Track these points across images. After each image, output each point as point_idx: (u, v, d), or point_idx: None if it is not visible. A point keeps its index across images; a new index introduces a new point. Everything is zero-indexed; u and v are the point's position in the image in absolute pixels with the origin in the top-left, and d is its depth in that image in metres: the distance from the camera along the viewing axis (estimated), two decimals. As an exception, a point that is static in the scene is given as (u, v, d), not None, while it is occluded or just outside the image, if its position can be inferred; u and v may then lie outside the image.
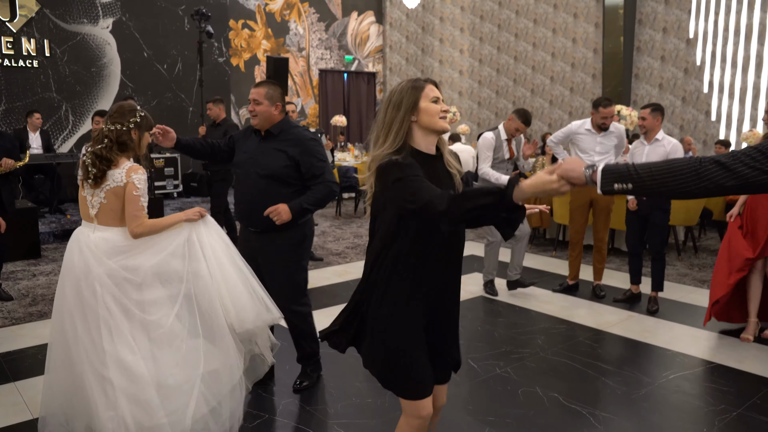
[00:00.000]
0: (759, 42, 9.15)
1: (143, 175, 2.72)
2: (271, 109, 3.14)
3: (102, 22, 9.84)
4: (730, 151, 3.49)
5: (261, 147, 3.18)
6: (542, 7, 11.96)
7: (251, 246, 3.24)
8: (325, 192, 3.14)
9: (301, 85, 12.82)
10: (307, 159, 3.11)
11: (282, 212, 3.01)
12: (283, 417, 3.12)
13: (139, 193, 2.67)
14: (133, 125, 2.74)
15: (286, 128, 3.19)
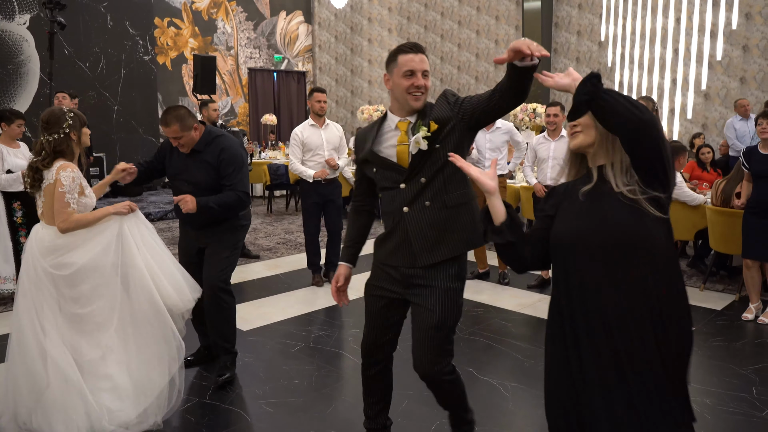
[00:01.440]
0: (662, 45, 9.87)
1: (72, 172, 2.84)
2: (191, 133, 3.27)
3: (18, 17, 9.53)
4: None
5: (188, 162, 3.36)
6: (466, 9, 12.40)
7: (193, 241, 3.50)
8: (232, 199, 3.29)
9: (231, 84, 12.77)
10: (223, 168, 3.30)
11: (189, 201, 3.16)
12: (213, 400, 3.26)
13: (64, 190, 2.79)
14: (68, 129, 2.89)
15: (209, 140, 3.33)
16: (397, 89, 2.27)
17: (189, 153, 3.34)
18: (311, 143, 5.28)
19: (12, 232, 4.87)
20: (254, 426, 2.99)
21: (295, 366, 3.69)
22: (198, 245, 3.49)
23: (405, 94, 2.24)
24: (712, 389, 3.35)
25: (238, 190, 3.31)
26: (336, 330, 4.34)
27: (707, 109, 9.42)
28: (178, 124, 3.20)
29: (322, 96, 5.31)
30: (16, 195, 4.88)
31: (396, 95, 2.30)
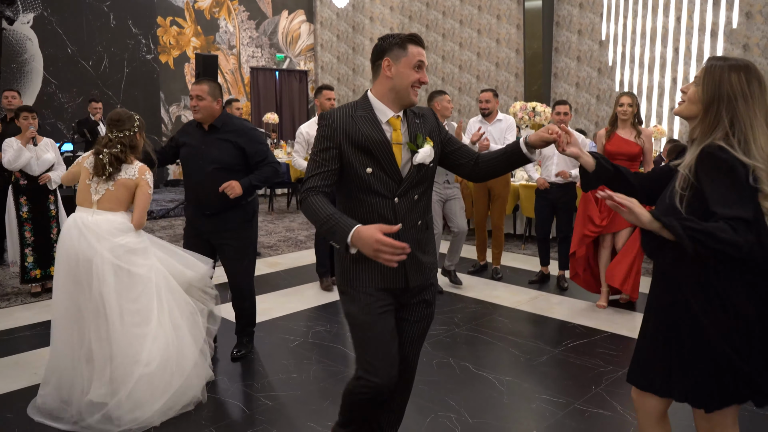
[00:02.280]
0: (662, 44, 9.89)
1: (151, 175, 3.22)
2: (213, 104, 3.43)
3: (22, 17, 9.59)
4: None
5: (207, 140, 3.48)
6: (467, 8, 12.43)
7: (203, 229, 3.57)
8: (271, 172, 3.53)
9: (233, 83, 12.82)
10: (252, 146, 3.48)
11: (235, 187, 3.36)
12: (212, 393, 3.31)
13: (151, 192, 3.20)
14: (137, 129, 3.21)
15: (227, 120, 3.50)
16: (401, 80, 2.09)
17: (207, 130, 3.48)
18: None
19: (18, 226, 4.98)
20: (253, 419, 3.03)
21: (294, 361, 3.74)
22: (209, 240, 3.59)
23: (408, 87, 2.10)
24: (704, 384, 3.39)
25: (271, 162, 3.54)
26: (335, 326, 4.39)
27: (707, 108, 9.44)
28: (208, 86, 3.43)
29: (332, 93, 5.10)
30: (23, 190, 4.95)
31: (395, 85, 2.10)
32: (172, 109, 11.77)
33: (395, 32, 2.20)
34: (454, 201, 5.08)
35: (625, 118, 4.60)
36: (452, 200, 5.08)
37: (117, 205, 3.13)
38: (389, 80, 2.12)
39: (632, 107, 4.59)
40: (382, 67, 2.12)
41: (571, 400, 3.21)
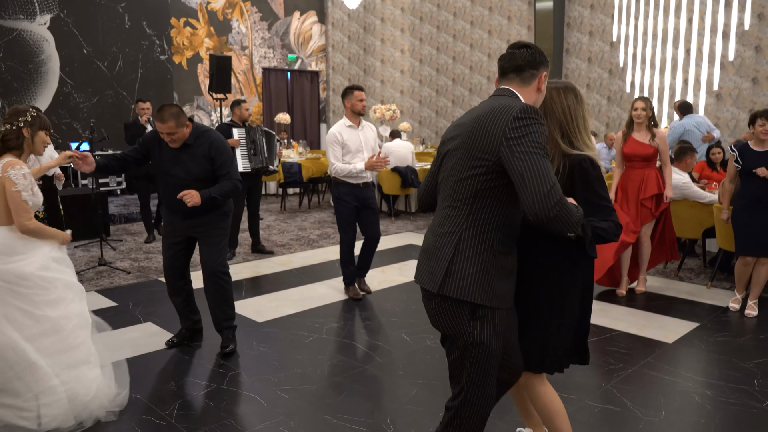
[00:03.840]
0: (673, 45, 9.89)
1: (22, 169, 2.77)
2: (183, 131, 3.56)
3: (39, 18, 9.74)
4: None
5: (180, 155, 3.63)
6: (478, 9, 12.48)
7: (182, 229, 3.76)
8: (230, 187, 3.65)
9: (245, 84, 12.94)
10: (220, 158, 3.63)
11: (194, 196, 3.48)
12: (231, 386, 3.39)
13: (18, 188, 2.73)
14: (22, 123, 2.84)
15: (197, 134, 3.63)
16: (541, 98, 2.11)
17: (180, 147, 3.60)
18: (351, 145, 4.78)
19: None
20: (269, 410, 3.11)
21: (308, 356, 3.82)
22: (186, 234, 3.79)
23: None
24: (713, 381, 3.44)
25: (233, 179, 3.65)
26: (348, 322, 4.46)
27: (719, 109, 9.43)
28: (174, 121, 3.46)
29: (363, 95, 4.82)
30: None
31: (537, 102, 2.13)
32: (186, 109, 11.90)
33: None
34: None
35: (640, 122, 4.73)
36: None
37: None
38: (538, 95, 2.07)
39: (646, 111, 4.70)
40: (539, 78, 2.03)
41: (582, 396, 3.26)
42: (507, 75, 2.04)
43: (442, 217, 2.01)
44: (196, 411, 3.12)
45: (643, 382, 3.45)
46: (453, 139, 2.03)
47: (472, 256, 1.91)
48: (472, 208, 1.93)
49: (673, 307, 4.77)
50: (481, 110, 1.94)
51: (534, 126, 1.82)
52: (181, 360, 3.74)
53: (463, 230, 1.93)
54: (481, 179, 1.90)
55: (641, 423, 2.99)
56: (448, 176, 2.01)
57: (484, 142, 1.87)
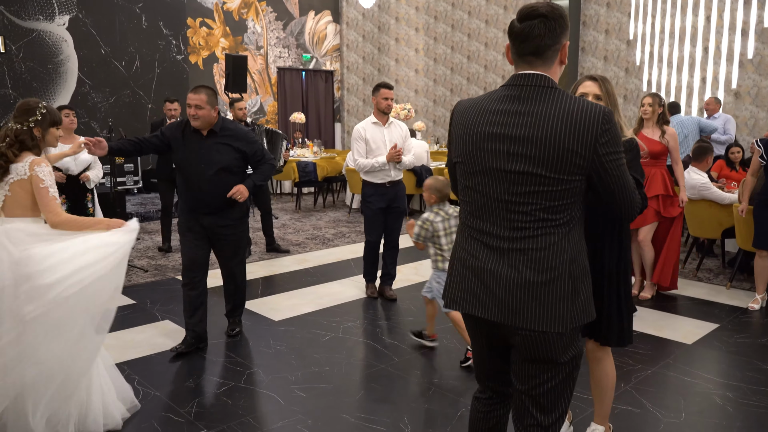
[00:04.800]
0: (691, 43, 9.79)
1: (47, 167, 2.83)
2: (211, 112, 3.61)
3: (58, 18, 9.84)
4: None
5: (206, 145, 3.66)
6: (493, 8, 12.44)
7: (202, 225, 3.76)
8: (269, 169, 3.87)
9: (260, 83, 13.00)
10: (251, 147, 3.76)
11: (243, 191, 3.67)
12: (248, 384, 3.41)
13: (46, 185, 2.79)
14: (33, 124, 2.88)
15: (224, 125, 3.72)
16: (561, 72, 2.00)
17: (206, 135, 3.65)
18: (374, 142, 4.78)
19: None
20: (287, 409, 3.12)
21: (325, 354, 3.83)
22: (204, 233, 3.81)
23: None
24: (734, 383, 3.40)
25: (269, 160, 3.85)
26: (364, 321, 4.47)
27: (737, 108, 9.32)
28: (206, 95, 3.56)
29: (390, 93, 4.77)
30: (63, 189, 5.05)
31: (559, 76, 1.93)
32: (201, 109, 11.97)
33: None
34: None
35: (647, 118, 4.70)
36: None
37: (21, 210, 2.82)
38: (562, 66, 1.82)
39: (653, 107, 4.66)
40: (562, 51, 1.78)
41: (600, 397, 3.24)
42: (525, 58, 1.75)
43: (533, 249, 1.73)
44: (214, 409, 3.14)
45: (662, 383, 3.43)
46: (510, 158, 1.72)
47: (582, 277, 1.78)
48: (568, 230, 1.74)
49: (691, 308, 4.72)
50: (547, 123, 1.68)
51: (616, 134, 1.70)
52: (199, 358, 3.77)
53: (571, 257, 1.74)
54: (569, 200, 1.73)
55: (661, 425, 2.96)
56: (519, 201, 1.73)
57: (571, 161, 1.67)
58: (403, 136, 4.92)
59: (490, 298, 1.78)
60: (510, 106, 1.74)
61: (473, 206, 1.85)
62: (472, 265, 1.83)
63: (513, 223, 1.75)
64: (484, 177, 1.78)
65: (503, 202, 1.75)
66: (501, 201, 1.76)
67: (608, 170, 1.70)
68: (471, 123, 1.80)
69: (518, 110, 1.72)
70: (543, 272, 1.72)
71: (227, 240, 3.86)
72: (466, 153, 1.81)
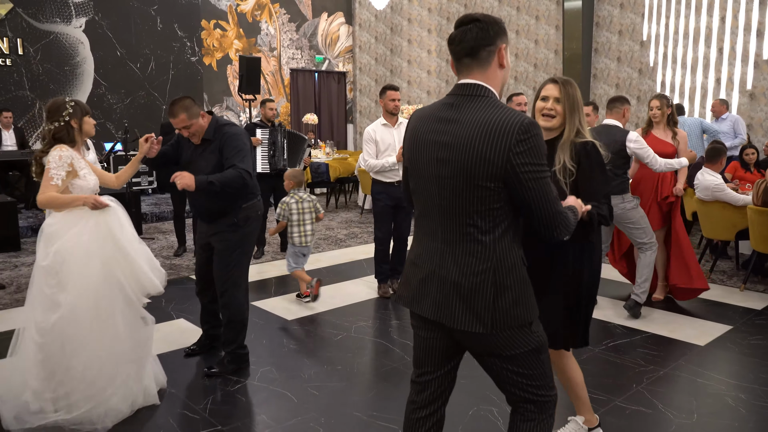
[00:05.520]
0: (705, 44, 9.73)
1: (62, 152, 2.95)
2: (199, 121, 3.36)
3: (75, 21, 9.98)
4: None
5: (197, 152, 3.47)
6: (506, 9, 12.43)
7: (205, 235, 3.61)
8: (233, 175, 3.32)
9: (273, 85, 13.07)
10: (227, 151, 3.38)
11: (185, 176, 3.24)
12: (262, 382, 3.45)
13: (49, 166, 2.93)
14: (68, 117, 3.02)
15: (217, 128, 3.43)
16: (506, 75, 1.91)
17: (200, 143, 3.44)
18: (383, 143, 4.93)
19: None
20: (300, 406, 3.16)
21: (338, 354, 3.86)
22: (208, 240, 3.57)
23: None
24: (747, 385, 3.39)
25: (239, 168, 3.33)
26: (377, 321, 4.50)
27: (752, 109, 9.25)
28: (184, 113, 3.30)
29: (396, 94, 4.93)
30: None
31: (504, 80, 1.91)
32: (215, 110, 12.06)
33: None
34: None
35: (657, 120, 4.70)
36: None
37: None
38: (503, 71, 1.84)
39: (662, 109, 4.65)
40: (499, 53, 1.80)
41: (612, 397, 3.25)
42: (462, 61, 1.79)
43: (461, 253, 1.80)
44: (228, 406, 3.18)
45: (674, 384, 3.43)
46: (439, 163, 1.79)
47: (511, 284, 1.80)
48: (495, 236, 1.78)
49: (705, 309, 4.71)
50: (467, 130, 1.72)
51: (534, 145, 1.69)
52: (213, 357, 3.81)
53: (495, 264, 1.78)
54: (495, 206, 1.75)
55: (673, 425, 2.96)
56: (448, 205, 1.80)
57: (485, 169, 1.70)
58: None
59: (426, 297, 1.88)
60: (446, 114, 1.81)
61: (418, 209, 1.95)
62: (415, 265, 1.94)
63: (445, 227, 1.83)
64: (423, 181, 1.86)
65: (437, 206, 1.83)
66: (435, 206, 1.84)
67: (522, 182, 1.70)
68: (417, 130, 1.89)
69: (450, 118, 1.79)
70: (467, 276, 1.79)
71: (217, 249, 3.51)
72: (412, 158, 1.91)
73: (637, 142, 4.27)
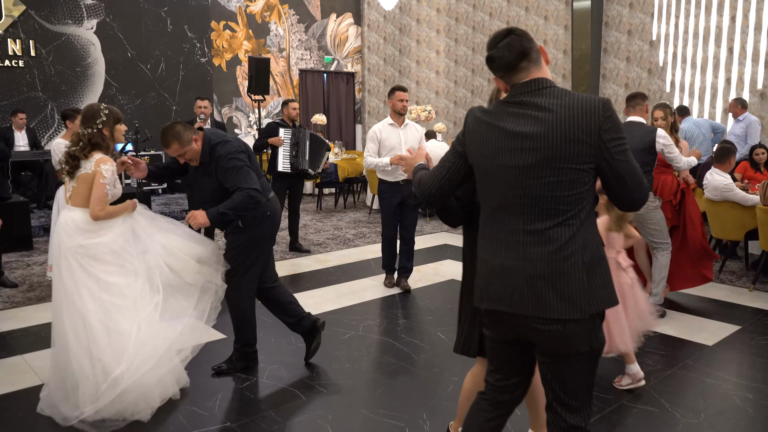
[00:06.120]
0: (716, 44, 9.69)
1: (111, 166, 3.17)
2: (192, 146, 3.29)
3: (86, 23, 10.07)
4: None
5: (197, 174, 3.44)
6: (514, 9, 12.42)
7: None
8: (241, 198, 3.25)
9: (282, 85, 13.13)
10: (223, 175, 3.29)
11: (198, 216, 3.25)
12: (270, 380, 3.49)
13: (105, 182, 3.11)
14: (101, 125, 3.19)
15: (211, 150, 3.34)
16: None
17: (198, 165, 3.37)
18: (388, 143, 5.02)
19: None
20: (308, 404, 3.19)
21: (346, 352, 3.89)
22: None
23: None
24: (755, 385, 3.39)
25: (244, 189, 3.25)
26: (384, 320, 4.52)
27: (763, 108, 9.20)
28: (176, 142, 3.24)
29: (404, 95, 5.00)
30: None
31: None
32: (224, 111, 12.14)
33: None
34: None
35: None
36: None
37: (82, 201, 3.14)
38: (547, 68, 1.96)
39: (666, 120, 4.63)
40: (542, 51, 1.93)
41: (619, 396, 3.25)
42: (518, 66, 1.86)
43: (548, 240, 1.80)
44: (237, 403, 3.22)
45: (681, 383, 3.43)
46: (523, 153, 1.81)
47: (598, 265, 1.83)
48: (581, 219, 1.82)
49: (713, 309, 4.70)
50: (553, 117, 1.78)
51: (617, 121, 1.79)
52: (222, 355, 3.83)
53: (582, 246, 1.80)
54: (581, 189, 1.80)
55: (679, 425, 2.97)
56: (534, 194, 1.81)
57: (577, 151, 1.76)
58: (419, 138, 5.16)
59: (512, 293, 1.84)
60: (519, 109, 1.84)
61: (490, 206, 1.92)
62: (493, 263, 1.89)
63: (528, 216, 1.83)
64: (501, 175, 1.85)
65: (519, 197, 1.83)
66: (517, 196, 1.83)
67: (614, 155, 1.77)
68: (486, 126, 1.89)
69: (526, 112, 1.82)
70: (557, 263, 1.78)
71: (226, 249, 3.49)
72: (483, 155, 1.90)
73: (666, 139, 4.28)
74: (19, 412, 3.12)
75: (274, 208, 3.56)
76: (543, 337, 1.85)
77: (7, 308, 4.75)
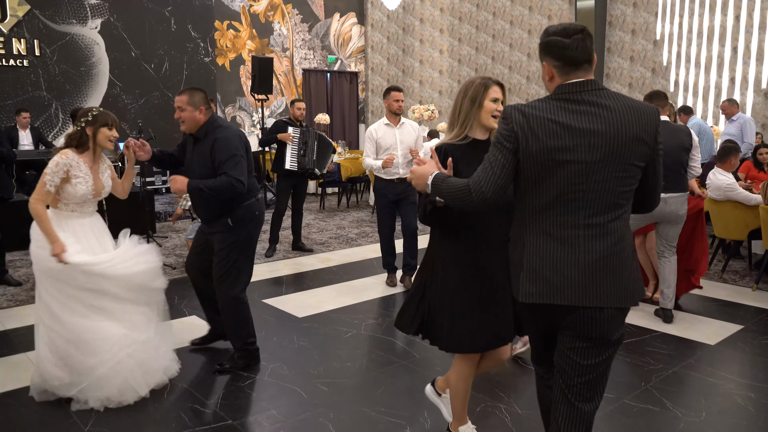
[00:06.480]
0: (720, 43, 9.66)
1: (61, 158, 3.12)
2: (195, 113, 3.34)
3: (90, 22, 10.11)
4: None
5: (194, 152, 3.46)
6: (518, 9, 12.41)
7: (206, 236, 3.62)
8: (223, 182, 3.27)
9: (285, 85, 13.15)
10: (217, 155, 3.31)
11: (177, 180, 3.31)
12: (272, 378, 3.50)
13: (46, 171, 3.09)
14: (84, 123, 3.19)
15: (210, 129, 3.38)
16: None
17: (194, 143, 3.45)
18: (385, 142, 5.11)
19: None
20: (309, 402, 3.20)
21: (348, 350, 3.90)
22: (207, 239, 3.60)
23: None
24: (757, 384, 3.38)
25: (230, 176, 3.27)
26: (386, 319, 4.53)
27: (767, 108, 9.18)
28: (188, 96, 3.35)
29: (399, 95, 5.11)
30: None
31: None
32: (228, 110, 12.17)
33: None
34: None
35: None
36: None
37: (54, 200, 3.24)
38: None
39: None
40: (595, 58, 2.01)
41: (620, 395, 3.25)
42: (581, 66, 1.91)
43: (606, 233, 1.88)
44: (239, 401, 3.23)
45: (683, 383, 3.42)
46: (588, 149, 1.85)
47: (635, 260, 1.99)
48: (628, 214, 1.97)
49: (716, 309, 4.69)
50: (618, 116, 1.85)
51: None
52: (224, 353, 3.85)
53: (630, 240, 1.96)
54: (634, 185, 1.93)
55: (681, 423, 2.97)
56: (596, 188, 1.87)
57: (639, 149, 1.87)
58: (415, 136, 5.22)
59: (567, 284, 1.89)
60: (580, 107, 1.88)
61: (543, 202, 1.91)
62: (546, 258, 1.91)
63: (589, 210, 1.89)
64: (564, 170, 1.86)
65: (581, 192, 1.87)
66: (578, 191, 1.87)
67: (658, 157, 1.94)
68: (547, 121, 1.87)
69: (588, 111, 1.87)
70: (615, 255, 1.89)
71: (215, 249, 3.50)
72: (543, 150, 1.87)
73: (696, 138, 4.29)
74: (22, 409, 3.14)
75: (262, 209, 3.62)
76: (580, 323, 1.91)
77: (11, 306, 4.78)
